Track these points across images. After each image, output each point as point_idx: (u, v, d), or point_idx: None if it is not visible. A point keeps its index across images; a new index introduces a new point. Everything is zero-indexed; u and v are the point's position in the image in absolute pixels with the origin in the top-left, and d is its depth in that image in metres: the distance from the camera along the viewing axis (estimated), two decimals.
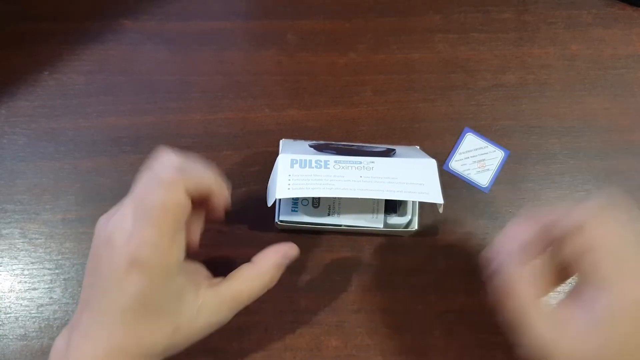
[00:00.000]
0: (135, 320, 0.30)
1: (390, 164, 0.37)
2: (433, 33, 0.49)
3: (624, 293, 0.28)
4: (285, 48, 0.48)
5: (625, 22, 0.50)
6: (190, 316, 0.32)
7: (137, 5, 0.49)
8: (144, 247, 0.29)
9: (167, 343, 0.31)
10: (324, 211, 0.41)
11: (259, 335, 0.42)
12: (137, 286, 0.30)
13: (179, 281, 0.31)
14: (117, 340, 0.30)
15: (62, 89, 0.46)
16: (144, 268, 0.29)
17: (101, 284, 0.30)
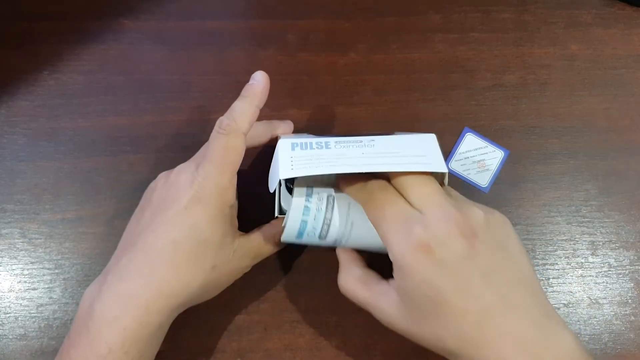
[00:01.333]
0: (182, 253, 0.33)
1: (391, 140, 0.36)
2: (433, 33, 0.49)
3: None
4: (285, 48, 0.48)
5: (625, 22, 0.50)
6: (227, 256, 0.36)
7: (137, 5, 0.49)
8: (207, 184, 0.34)
9: (202, 281, 0.34)
10: (330, 242, 0.38)
11: (259, 335, 0.42)
12: (195, 219, 0.34)
13: (227, 221, 0.35)
14: (157, 277, 0.33)
15: (62, 88, 0.46)
16: (204, 203, 0.34)
17: (155, 220, 0.34)
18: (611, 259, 0.44)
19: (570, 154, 0.46)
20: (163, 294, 0.33)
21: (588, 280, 0.43)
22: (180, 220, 0.33)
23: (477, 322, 0.29)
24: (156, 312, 0.33)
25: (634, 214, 0.45)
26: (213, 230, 0.34)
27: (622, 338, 0.42)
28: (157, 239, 0.33)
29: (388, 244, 0.31)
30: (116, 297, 0.32)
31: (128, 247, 0.34)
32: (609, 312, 0.43)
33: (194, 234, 0.34)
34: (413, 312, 0.31)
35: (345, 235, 0.36)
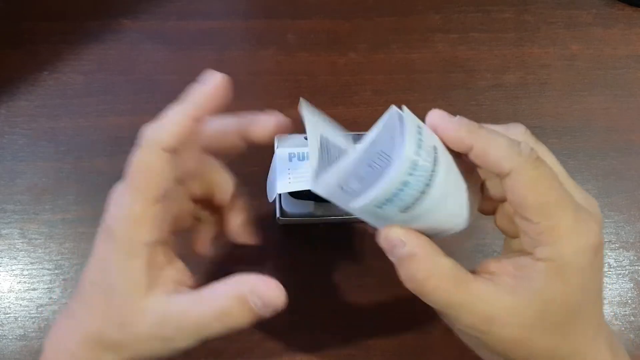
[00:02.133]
0: (94, 301, 0.28)
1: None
2: (433, 33, 0.49)
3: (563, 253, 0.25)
4: (285, 48, 0.48)
5: (625, 22, 0.50)
6: (136, 316, 0.27)
7: (137, 5, 0.49)
8: (117, 212, 0.27)
9: (116, 338, 0.27)
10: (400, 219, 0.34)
11: (259, 336, 0.42)
12: (104, 255, 0.27)
13: (138, 267, 0.26)
14: (78, 319, 0.28)
15: (62, 88, 0.46)
16: (112, 236, 0.27)
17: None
18: (611, 259, 0.44)
19: (570, 154, 0.46)
20: (87, 338, 0.28)
21: None
22: (96, 254, 0.28)
23: (593, 337, 0.27)
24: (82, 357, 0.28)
25: (634, 214, 0.45)
26: (118, 274, 0.27)
27: (622, 338, 0.42)
28: (82, 281, 0.29)
29: (553, 236, 0.25)
30: (50, 336, 0.30)
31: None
32: (609, 313, 0.43)
33: (103, 274, 0.27)
34: (544, 320, 0.25)
35: (432, 208, 0.26)
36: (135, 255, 0.26)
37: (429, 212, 0.27)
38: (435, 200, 0.26)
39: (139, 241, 0.26)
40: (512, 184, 0.25)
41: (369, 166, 0.28)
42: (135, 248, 0.26)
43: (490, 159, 0.25)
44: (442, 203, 0.27)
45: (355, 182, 0.27)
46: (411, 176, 0.25)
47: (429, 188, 0.25)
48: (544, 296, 0.25)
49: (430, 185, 0.25)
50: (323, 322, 0.42)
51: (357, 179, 0.28)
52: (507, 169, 0.25)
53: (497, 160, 0.25)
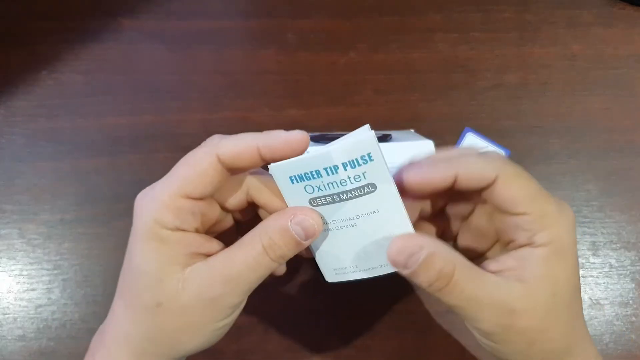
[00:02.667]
0: (124, 286, 0.28)
1: (387, 150, 0.36)
2: (433, 32, 0.49)
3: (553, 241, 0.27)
4: (285, 47, 0.48)
5: (626, 22, 0.49)
6: (174, 290, 0.26)
7: (136, 4, 0.48)
8: (145, 200, 0.27)
9: (146, 323, 0.27)
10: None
11: (258, 337, 0.41)
12: (130, 241, 0.27)
13: (167, 246, 0.27)
14: (113, 320, 0.28)
15: (61, 88, 0.46)
16: (138, 222, 0.27)
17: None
18: (612, 259, 0.44)
19: (571, 154, 0.46)
20: (117, 338, 0.28)
21: (589, 281, 0.43)
22: (128, 246, 0.28)
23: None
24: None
25: (635, 214, 0.45)
26: (143, 256, 0.27)
27: (623, 339, 0.42)
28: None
29: (546, 221, 0.26)
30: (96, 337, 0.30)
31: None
32: (610, 313, 0.42)
33: (129, 261, 0.27)
34: (556, 302, 0.27)
35: (338, 227, 0.28)
36: (161, 237, 0.26)
37: (335, 229, 0.28)
38: (340, 221, 0.28)
39: (162, 224, 0.26)
40: (500, 187, 0.27)
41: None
42: (159, 231, 0.26)
43: (476, 175, 0.27)
44: (346, 232, 0.28)
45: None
46: (325, 171, 0.26)
47: (341, 202, 0.27)
48: (551, 278, 0.26)
49: (342, 201, 0.27)
50: (323, 323, 0.42)
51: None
52: (494, 176, 0.27)
53: (483, 173, 0.27)
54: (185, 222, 0.27)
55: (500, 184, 0.27)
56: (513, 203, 0.27)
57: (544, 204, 0.27)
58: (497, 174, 0.27)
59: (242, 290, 0.27)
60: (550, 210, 0.27)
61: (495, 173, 0.27)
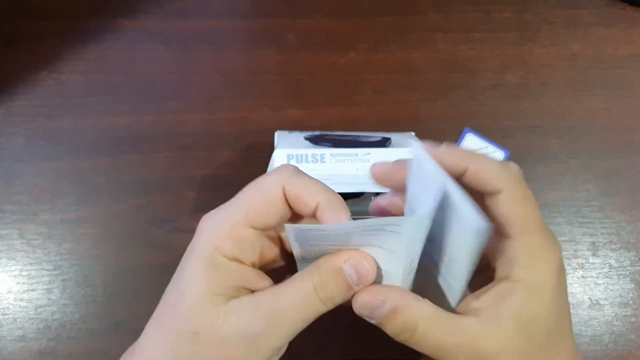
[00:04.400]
0: (163, 312, 0.27)
1: (386, 154, 0.37)
2: (433, 32, 0.49)
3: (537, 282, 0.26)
4: (285, 47, 0.48)
5: (626, 22, 0.49)
6: (214, 320, 0.25)
7: (136, 4, 0.48)
8: (205, 225, 0.27)
9: (184, 351, 0.25)
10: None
11: None
12: (181, 266, 0.27)
13: (217, 273, 0.26)
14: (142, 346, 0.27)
15: (61, 88, 0.46)
16: (193, 247, 0.26)
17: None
18: (612, 259, 0.44)
19: (571, 154, 0.46)
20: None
21: (589, 281, 0.43)
22: (180, 265, 0.27)
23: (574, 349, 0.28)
24: None
25: (635, 214, 0.45)
26: (193, 279, 0.26)
27: (622, 339, 0.42)
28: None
29: (529, 255, 0.26)
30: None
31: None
32: (610, 313, 0.42)
33: (177, 280, 0.26)
34: (531, 343, 0.26)
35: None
36: (214, 264, 0.25)
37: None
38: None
39: (219, 251, 0.26)
40: (501, 201, 0.26)
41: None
42: (215, 257, 0.26)
43: (485, 178, 0.26)
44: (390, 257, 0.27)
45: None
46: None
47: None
48: (526, 316, 0.26)
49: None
50: (322, 323, 0.42)
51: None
52: (500, 187, 0.26)
53: (491, 179, 0.26)
54: (243, 253, 0.26)
55: (503, 198, 0.26)
56: (507, 223, 0.26)
57: (535, 236, 0.26)
58: (504, 187, 0.26)
59: (285, 331, 0.26)
60: (538, 244, 0.26)
61: (503, 185, 0.26)
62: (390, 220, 0.25)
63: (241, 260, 0.26)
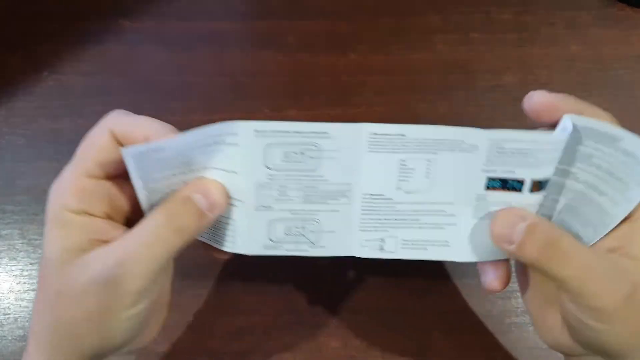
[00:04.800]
0: (39, 280, 0.26)
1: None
2: (433, 34, 0.49)
3: None
4: (285, 48, 0.48)
5: (625, 23, 0.50)
6: (70, 277, 0.24)
7: (137, 6, 0.49)
8: (53, 186, 0.27)
9: (52, 314, 0.25)
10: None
11: (259, 337, 0.41)
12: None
13: (69, 230, 0.25)
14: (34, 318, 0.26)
15: (62, 89, 0.46)
16: (47, 206, 0.26)
17: None
18: None
19: None
20: (31, 333, 0.26)
21: None
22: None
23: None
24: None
25: None
26: (49, 242, 0.25)
27: None
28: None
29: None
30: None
31: None
32: None
33: (44, 248, 0.26)
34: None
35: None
36: (64, 220, 0.25)
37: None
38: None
39: (67, 208, 0.25)
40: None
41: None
42: (62, 214, 0.25)
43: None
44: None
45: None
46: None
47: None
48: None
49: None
50: (323, 323, 0.42)
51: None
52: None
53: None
54: (90, 205, 0.26)
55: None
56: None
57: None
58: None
59: (141, 271, 0.24)
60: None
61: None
62: (227, 129, 0.26)
63: (90, 213, 0.26)
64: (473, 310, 0.42)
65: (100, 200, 0.26)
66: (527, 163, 0.27)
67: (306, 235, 0.29)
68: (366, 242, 0.30)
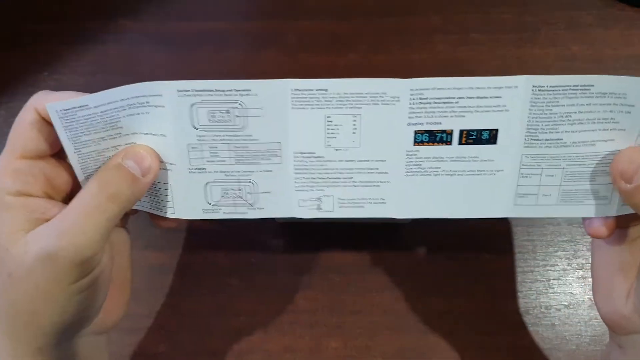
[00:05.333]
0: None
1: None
2: (433, 34, 0.49)
3: None
4: (286, 49, 0.48)
5: (625, 23, 0.50)
6: (17, 257, 0.25)
7: (137, 5, 0.49)
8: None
9: (5, 297, 0.25)
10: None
11: (259, 337, 0.41)
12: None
13: (10, 211, 0.26)
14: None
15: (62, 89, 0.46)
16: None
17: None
18: None
19: None
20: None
21: (589, 281, 0.43)
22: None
23: None
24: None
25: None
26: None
27: None
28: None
29: None
30: None
31: None
32: None
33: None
34: None
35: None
36: (3, 205, 0.26)
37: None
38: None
39: (5, 190, 0.26)
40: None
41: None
42: (2, 198, 0.26)
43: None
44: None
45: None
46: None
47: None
48: None
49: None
50: (323, 323, 0.42)
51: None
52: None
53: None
54: (27, 185, 0.26)
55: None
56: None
57: None
58: None
59: (81, 241, 0.25)
60: None
61: None
62: (150, 89, 0.27)
63: (28, 193, 0.26)
64: (473, 311, 0.42)
65: (36, 179, 0.27)
66: (453, 112, 0.27)
67: (243, 197, 0.29)
68: (303, 202, 0.29)
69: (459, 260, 0.43)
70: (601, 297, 0.30)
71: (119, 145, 0.27)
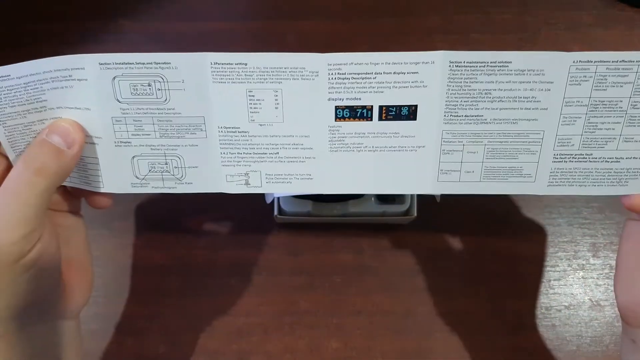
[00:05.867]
0: None
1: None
2: (433, 34, 0.49)
3: None
4: (285, 49, 0.48)
5: (625, 23, 0.49)
6: None
7: (137, 6, 0.49)
8: None
9: None
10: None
11: (259, 337, 0.41)
12: None
13: None
14: None
15: None
16: None
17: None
18: (612, 260, 0.44)
19: None
20: None
21: (589, 282, 0.43)
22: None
23: None
24: None
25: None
26: None
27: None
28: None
29: None
30: None
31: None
32: (610, 314, 0.42)
33: None
34: None
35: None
36: None
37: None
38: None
39: None
40: None
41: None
42: None
43: None
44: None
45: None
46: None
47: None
48: None
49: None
50: (323, 324, 0.42)
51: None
52: None
53: None
54: None
55: None
56: None
57: None
58: None
59: (15, 220, 0.25)
60: None
61: None
62: (73, 63, 0.27)
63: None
64: (474, 312, 0.42)
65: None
66: (372, 88, 0.27)
67: (171, 172, 0.30)
68: (231, 177, 0.30)
69: (459, 261, 0.43)
70: (622, 286, 0.31)
71: (45, 119, 0.28)
